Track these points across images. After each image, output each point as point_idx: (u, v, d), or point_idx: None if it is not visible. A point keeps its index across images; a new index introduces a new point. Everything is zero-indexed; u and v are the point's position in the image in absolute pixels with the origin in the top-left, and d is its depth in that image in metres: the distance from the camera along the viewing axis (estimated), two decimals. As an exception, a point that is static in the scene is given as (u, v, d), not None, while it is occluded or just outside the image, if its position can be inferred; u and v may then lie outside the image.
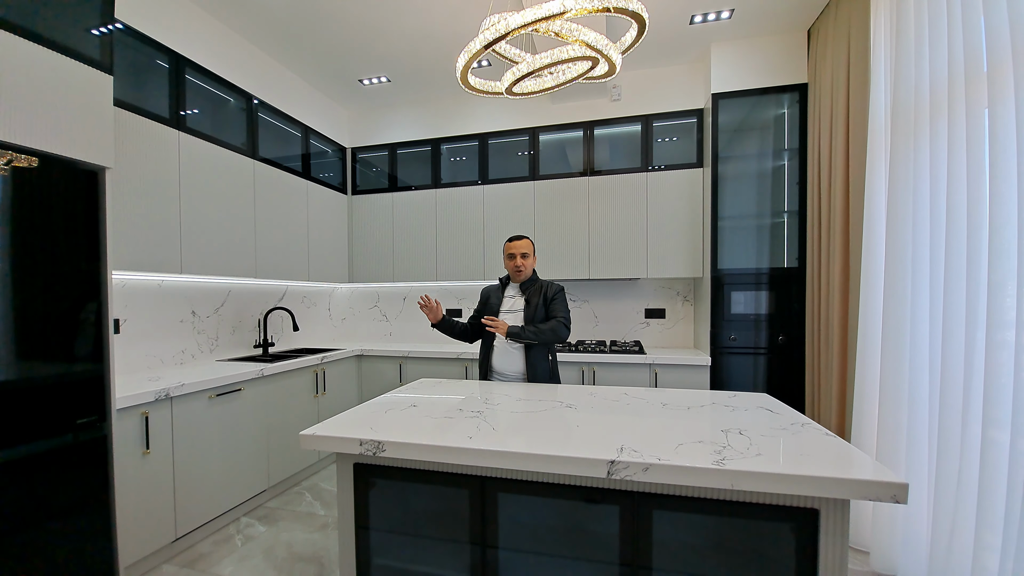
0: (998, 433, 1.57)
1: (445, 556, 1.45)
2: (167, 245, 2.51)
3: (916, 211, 2.01)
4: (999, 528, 1.53)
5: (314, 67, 3.43)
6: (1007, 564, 1.47)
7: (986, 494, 1.58)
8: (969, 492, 1.66)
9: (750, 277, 3.16)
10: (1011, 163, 1.52)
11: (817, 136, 2.84)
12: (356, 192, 4.15)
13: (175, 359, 2.80)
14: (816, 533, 1.19)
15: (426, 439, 1.35)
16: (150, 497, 2.09)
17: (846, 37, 2.52)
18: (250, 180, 3.07)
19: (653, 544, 1.27)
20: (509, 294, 2.36)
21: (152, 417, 2.09)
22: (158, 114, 2.47)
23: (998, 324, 1.60)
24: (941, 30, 1.84)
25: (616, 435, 1.39)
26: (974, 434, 1.67)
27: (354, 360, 3.66)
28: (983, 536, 1.60)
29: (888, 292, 2.15)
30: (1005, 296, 1.58)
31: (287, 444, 2.94)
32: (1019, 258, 1.50)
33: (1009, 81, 1.51)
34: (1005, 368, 1.57)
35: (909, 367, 2.02)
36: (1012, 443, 1.51)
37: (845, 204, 2.53)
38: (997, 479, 1.55)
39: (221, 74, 2.87)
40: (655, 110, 3.47)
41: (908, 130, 2.05)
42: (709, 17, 2.86)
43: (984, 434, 1.62)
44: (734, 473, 1.13)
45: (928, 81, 1.93)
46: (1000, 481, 1.54)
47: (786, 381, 3.07)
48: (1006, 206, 1.55)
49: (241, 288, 3.28)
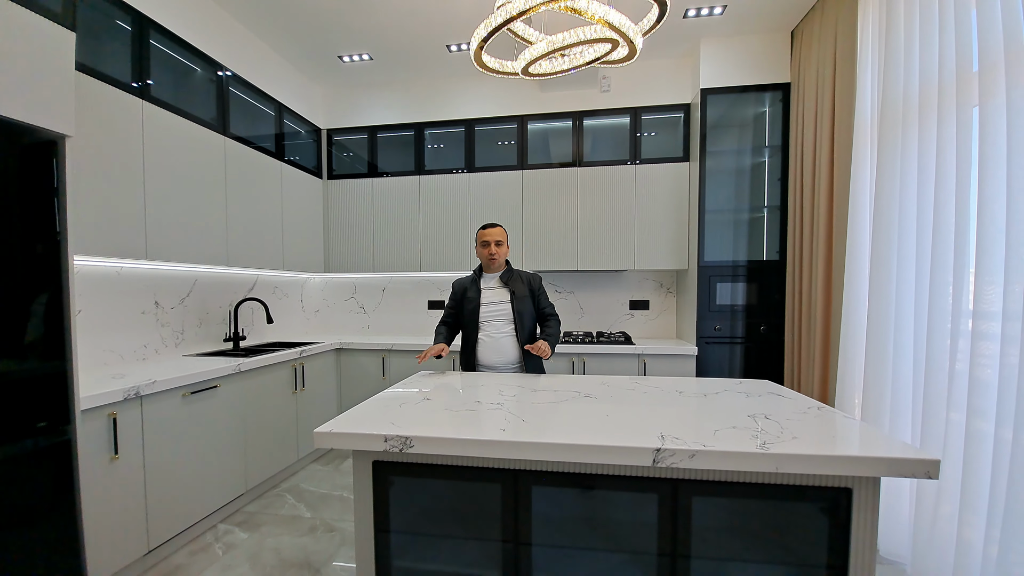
0: (982, 423, 1.68)
1: (474, 554, 1.38)
2: (130, 227, 2.26)
3: (903, 206, 2.12)
4: (983, 511, 1.63)
5: (290, 39, 3.19)
6: (993, 537, 1.58)
7: (970, 479, 1.69)
8: (952, 477, 1.77)
9: (733, 269, 3.26)
10: (1000, 160, 1.62)
11: (800, 134, 2.96)
12: (332, 176, 3.92)
13: (136, 354, 2.54)
14: (849, 511, 1.22)
15: (457, 433, 1.28)
16: (120, 507, 1.87)
17: (832, 38, 2.63)
18: (220, 158, 2.82)
19: (692, 531, 1.26)
20: (488, 285, 2.27)
21: (121, 418, 1.88)
22: (119, 80, 2.21)
23: (983, 315, 1.71)
24: (932, 29, 1.93)
25: (648, 423, 1.37)
26: (958, 422, 1.78)
27: (333, 354, 3.48)
28: (966, 516, 1.71)
29: (873, 284, 2.26)
30: (991, 288, 1.69)
31: (265, 444, 2.75)
32: (1007, 252, 1.61)
33: (1001, 80, 1.60)
34: (989, 358, 1.67)
35: (893, 357, 2.14)
36: (996, 432, 1.61)
37: (829, 199, 2.65)
38: (981, 465, 1.65)
39: (189, 40, 2.60)
40: (643, 103, 3.49)
41: (896, 127, 2.15)
42: (703, 12, 2.90)
43: (968, 423, 1.73)
44: (779, 456, 1.14)
45: (918, 79, 2.03)
46: (984, 467, 1.64)
47: (766, 369, 3.20)
48: (995, 201, 1.65)
49: (208, 277, 3.02)
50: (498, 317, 2.21)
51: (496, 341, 2.21)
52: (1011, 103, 1.57)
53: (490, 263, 2.24)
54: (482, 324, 2.21)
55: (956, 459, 1.75)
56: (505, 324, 2.20)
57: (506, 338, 2.21)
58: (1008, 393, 1.55)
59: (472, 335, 2.23)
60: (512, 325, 2.21)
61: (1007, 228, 1.59)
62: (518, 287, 2.23)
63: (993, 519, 1.58)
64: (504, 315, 2.20)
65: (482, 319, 2.21)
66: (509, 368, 2.23)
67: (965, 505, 1.71)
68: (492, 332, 2.22)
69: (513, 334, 2.21)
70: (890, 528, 2.08)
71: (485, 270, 2.29)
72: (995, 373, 1.63)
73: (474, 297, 2.23)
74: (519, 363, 2.23)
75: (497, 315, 2.21)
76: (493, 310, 2.21)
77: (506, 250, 2.27)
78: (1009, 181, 1.58)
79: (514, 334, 2.21)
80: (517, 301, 2.20)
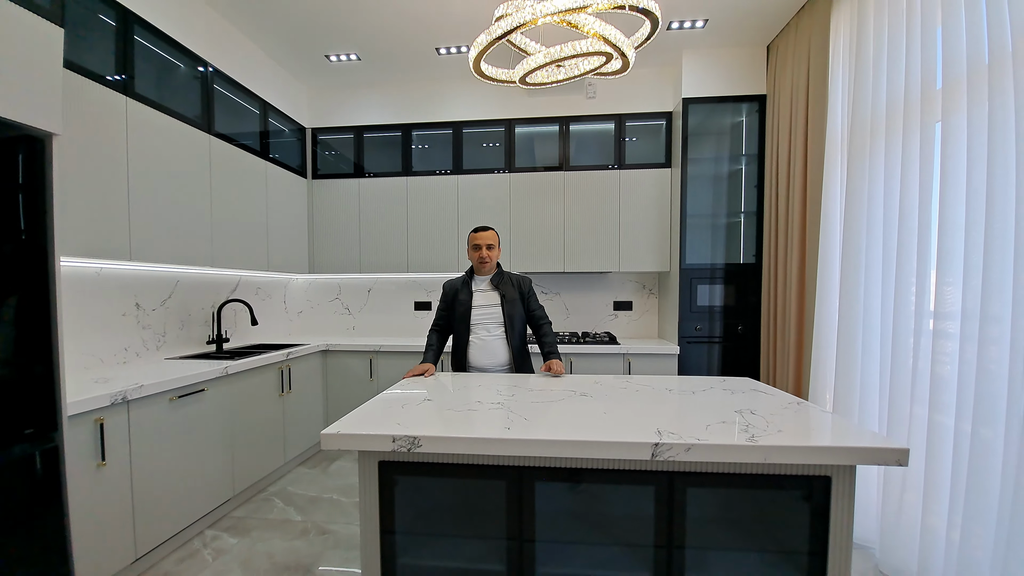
0: (944, 417, 1.82)
1: (479, 549, 1.42)
2: (113, 228, 2.20)
3: (870, 213, 2.27)
4: (945, 499, 1.77)
5: (277, 37, 3.16)
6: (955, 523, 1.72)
7: (932, 469, 1.83)
8: (917, 467, 1.91)
9: (712, 272, 3.40)
10: (960, 172, 1.77)
11: (775, 143, 3.11)
12: (317, 176, 3.88)
13: (117, 358, 2.47)
14: (828, 498, 1.32)
15: (464, 432, 1.32)
16: (107, 514, 1.83)
17: (806, 54, 2.78)
18: (205, 157, 2.77)
19: (687, 521, 1.34)
20: (479, 288, 2.30)
21: (107, 424, 1.84)
22: (102, 76, 2.15)
23: (943, 315, 1.86)
24: (899, 48, 2.08)
25: (644, 419, 1.44)
26: (921, 416, 1.93)
27: (319, 356, 3.45)
28: (929, 504, 1.85)
29: (843, 286, 2.41)
30: (950, 290, 1.84)
31: (252, 448, 2.71)
32: (965, 256, 1.76)
33: (963, 98, 1.75)
34: (950, 356, 1.82)
35: (861, 355, 2.29)
36: (956, 426, 1.75)
37: (803, 205, 2.80)
38: (943, 456, 1.79)
39: (173, 35, 2.55)
40: (627, 110, 3.59)
41: (865, 139, 2.30)
42: (686, 25, 3.01)
43: (931, 417, 1.87)
44: (767, 448, 1.23)
45: (885, 95, 2.18)
46: (945, 458, 1.78)
47: (743, 367, 3.35)
48: (955, 211, 1.80)
49: (190, 278, 2.95)
50: (489, 320, 2.24)
51: (487, 344, 2.25)
52: (971, 120, 1.71)
53: (481, 267, 2.27)
54: (473, 327, 2.25)
55: (920, 451, 1.89)
56: (496, 327, 2.24)
57: (497, 341, 2.25)
58: (967, 389, 1.69)
59: (463, 337, 2.26)
60: (503, 328, 2.25)
61: (966, 235, 1.74)
62: (508, 290, 2.27)
63: (955, 506, 1.72)
64: (495, 318, 2.24)
65: (473, 322, 2.25)
66: (499, 370, 2.27)
67: (928, 494, 1.85)
68: (483, 335, 2.25)
69: (504, 337, 2.25)
70: (860, 515, 2.22)
71: (476, 273, 2.32)
72: (954, 370, 1.77)
73: (465, 300, 2.26)
74: (509, 365, 2.28)
75: (488, 318, 2.24)
76: (484, 313, 2.24)
77: (497, 253, 2.30)
78: (968, 192, 1.73)
79: (505, 337, 2.25)
80: (507, 304, 2.24)
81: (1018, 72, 1.51)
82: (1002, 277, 1.59)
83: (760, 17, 2.96)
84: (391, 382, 3.32)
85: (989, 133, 1.62)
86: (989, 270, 1.62)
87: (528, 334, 2.37)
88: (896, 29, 2.10)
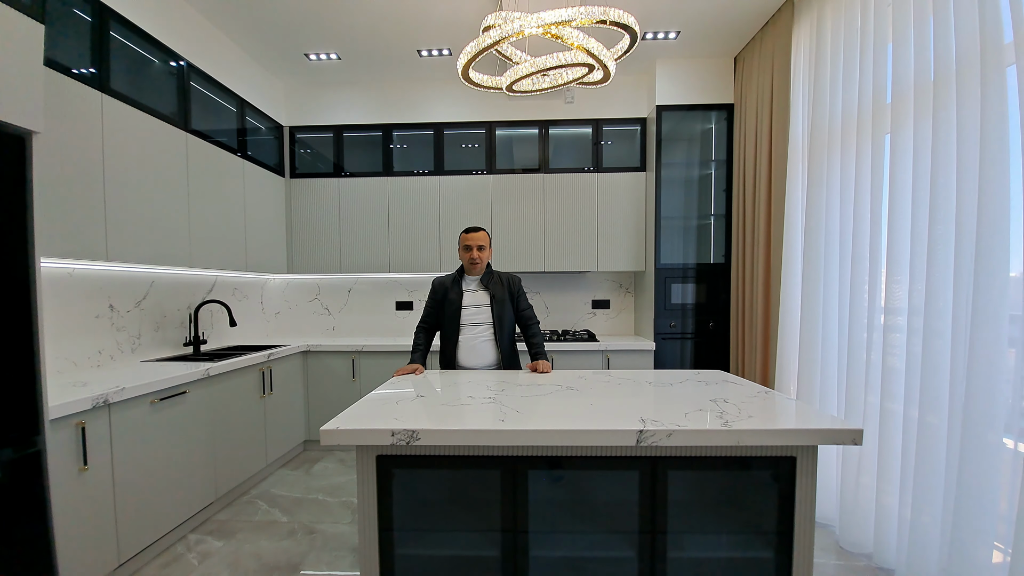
0: (894, 404, 2.00)
1: (474, 537, 1.49)
2: (90, 227, 2.15)
3: (828, 217, 2.45)
4: (896, 478, 1.95)
5: (255, 34, 3.12)
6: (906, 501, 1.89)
7: (885, 452, 2.01)
8: (871, 451, 2.09)
9: (684, 271, 3.56)
10: (907, 180, 1.95)
11: (742, 150, 3.29)
12: (295, 175, 3.84)
13: (91, 361, 2.40)
14: (794, 477, 1.45)
15: (460, 424, 1.39)
16: (89, 519, 1.80)
17: (770, 67, 2.96)
18: (182, 154, 2.72)
19: (669, 504, 1.44)
20: (469, 288, 2.34)
21: (89, 428, 1.80)
22: (78, 71, 2.09)
23: (892, 311, 2.05)
24: (854, 64, 2.26)
25: (628, 409, 1.54)
26: (874, 404, 2.11)
27: (300, 357, 3.42)
28: (883, 485, 2.03)
29: (805, 284, 2.59)
30: (898, 287, 2.02)
31: (234, 451, 2.68)
32: (911, 257, 1.94)
33: (909, 111, 1.93)
34: (898, 348, 2.00)
35: (822, 348, 2.47)
36: (904, 412, 1.93)
37: (768, 209, 2.98)
38: (894, 440, 1.97)
39: (149, 31, 2.49)
40: (604, 115, 3.72)
41: (823, 148, 2.49)
42: (659, 35, 3.15)
43: (882, 404, 2.05)
44: (740, 432, 1.34)
45: (841, 108, 2.36)
46: (896, 442, 1.96)
47: (714, 360, 3.52)
48: (902, 214, 1.98)
49: (166, 279, 2.89)
50: (478, 320, 2.30)
51: (476, 343, 2.29)
52: (917, 132, 1.89)
53: (472, 267, 2.31)
54: (463, 326, 2.30)
55: (873, 435, 2.07)
56: (485, 328, 2.29)
57: (485, 342, 2.30)
58: (913, 378, 1.87)
59: (452, 336, 2.31)
60: (492, 329, 2.30)
61: (911, 237, 1.92)
62: (498, 290, 2.32)
63: (905, 486, 1.90)
64: (484, 319, 2.29)
65: (463, 321, 2.29)
66: (488, 369, 2.32)
67: (882, 475, 2.03)
68: (472, 335, 2.30)
69: (492, 337, 2.30)
70: (822, 497, 2.39)
71: (467, 272, 2.36)
72: (902, 360, 1.96)
73: (455, 299, 2.30)
74: (498, 365, 2.33)
75: (477, 318, 2.29)
76: (474, 313, 2.29)
77: (488, 254, 2.33)
78: (914, 198, 1.90)
79: (493, 337, 2.30)
80: (497, 305, 2.30)
81: (961, 89, 1.68)
82: (944, 275, 1.76)
83: (728, 31, 3.13)
84: (375, 382, 3.33)
85: (933, 144, 1.80)
86: (933, 269, 1.80)
87: (516, 333, 2.43)
88: (851, 46, 2.28)
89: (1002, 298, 1.56)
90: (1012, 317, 1.55)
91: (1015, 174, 1.53)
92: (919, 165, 1.89)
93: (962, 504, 1.65)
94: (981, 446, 1.60)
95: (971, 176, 1.66)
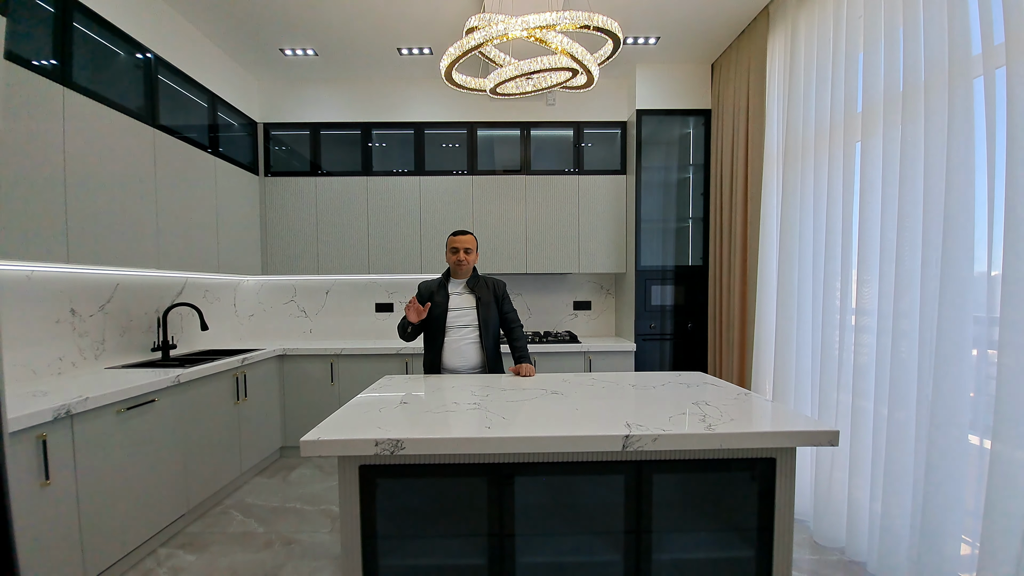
0: (864, 402, 2.07)
1: (461, 545, 1.47)
2: (49, 227, 2.03)
3: (802, 221, 2.52)
4: (867, 474, 2.03)
5: (227, 27, 3.01)
6: (876, 496, 1.96)
7: (856, 449, 2.08)
8: (843, 448, 2.15)
9: (664, 273, 3.61)
10: (876, 186, 2.03)
11: (720, 155, 3.36)
12: (270, 174, 3.73)
13: (51, 368, 2.28)
14: (773, 477, 1.48)
15: (446, 432, 1.37)
16: (52, 536, 1.70)
17: (746, 74, 3.03)
18: (149, 151, 2.61)
19: (653, 505, 1.46)
20: (455, 291, 2.33)
21: (51, 440, 1.71)
22: (37, 63, 1.98)
23: (863, 312, 2.12)
24: (826, 74, 2.33)
25: (612, 413, 1.55)
26: (845, 402, 2.18)
27: (275, 361, 3.33)
28: (855, 480, 2.10)
29: (780, 287, 2.67)
30: (867, 289, 2.10)
31: (207, 460, 2.59)
32: (880, 260, 2.01)
33: (879, 120, 2.00)
34: (868, 348, 2.08)
35: (796, 348, 2.54)
36: (875, 409, 2.00)
37: (744, 213, 3.05)
38: (864, 437, 2.05)
39: (114, 21, 2.38)
40: (585, 118, 3.74)
41: (797, 155, 2.56)
42: (639, 41, 3.19)
43: (853, 402, 2.12)
44: (722, 435, 1.36)
45: (814, 115, 2.43)
46: (867, 439, 2.03)
47: (693, 361, 3.59)
48: (871, 219, 2.05)
49: (132, 281, 2.76)
50: (464, 323, 2.28)
51: (461, 346, 2.28)
52: (887, 141, 1.96)
53: (458, 269, 2.30)
54: (448, 329, 2.28)
55: (846, 433, 2.14)
56: (471, 331, 2.29)
57: (471, 344, 2.29)
58: (883, 376, 1.94)
59: (438, 339, 2.29)
60: (477, 331, 2.29)
61: (880, 240, 1.99)
62: (483, 294, 2.32)
63: (876, 481, 1.97)
64: (469, 321, 2.29)
65: (448, 324, 2.28)
66: (472, 372, 2.32)
67: (854, 471, 2.10)
68: (457, 337, 2.28)
69: (478, 340, 2.29)
70: (796, 493, 2.43)
71: (453, 276, 2.35)
72: (872, 360, 2.03)
73: (441, 302, 2.29)
74: (482, 367, 2.32)
75: (463, 320, 2.28)
76: (459, 316, 2.28)
77: (475, 257, 2.33)
78: (883, 203, 1.98)
79: (479, 340, 2.29)
80: (482, 308, 2.29)
81: (929, 100, 1.75)
82: (911, 278, 1.84)
83: (705, 38, 3.18)
84: (354, 386, 3.27)
85: (902, 152, 1.87)
86: (901, 272, 1.87)
87: (500, 336, 2.43)
88: (823, 56, 2.35)
89: (966, 300, 1.63)
90: (976, 318, 1.63)
91: (980, 181, 1.60)
92: (888, 172, 1.96)
93: (931, 498, 1.72)
94: (948, 442, 1.67)
95: (938, 182, 1.73)
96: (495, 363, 2.34)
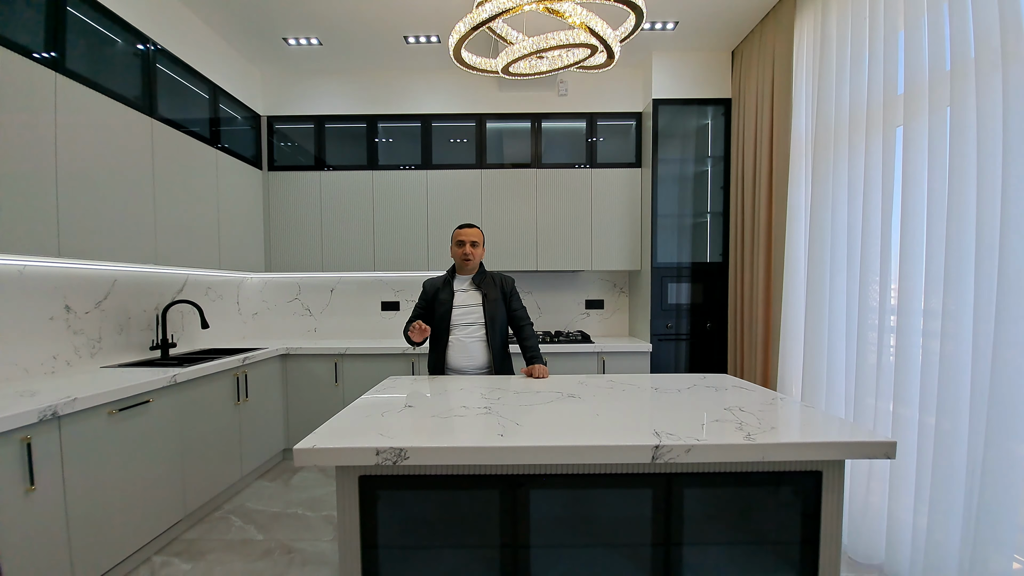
0: (907, 410, 1.90)
1: (469, 561, 1.34)
2: (39, 220, 1.93)
3: (835, 215, 2.36)
4: (911, 487, 1.85)
5: (229, 16, 2.91)
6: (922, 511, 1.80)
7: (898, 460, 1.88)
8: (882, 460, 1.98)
9: (680, 270, 3.46)
10: (921, 175, 1.86)
11: (741, 146, 3.20)
12: (274, 168, 3.63)
13: (44, 367, 2.19)
14: (820, 492, 1.33)
15: (454, 441, 1.24)
16: (38, 546, 1.60)
17: (770, 59, 2.87)
18: (147, 143, 2.51)
19: (684, 521, 1.32)
20: (461, 288, 2.23)
21: (36, 443, 1.60)
22: (28, 47, 1.88)
23: (906, 311, 1.95)
24: (862, 55, 2.17)
25: (636, 420, 1.42)
26: (885, 410, 2.01)
27: (278, 360, 3.23)
28: (895, 493, 1.92)
29: (810, 285, 2.50)
30: (914, 287, 1.93)
31: (206, 463, 2.49)
32: (926, 257, 1.85)
33: (924, 102, 1.83)
34: (912, 351, 1.91)
35: (828, 350, 2.38)
36: (920, 419, 1.83)
37: (768, 207, 2.89)
38: (908, 448, 1.86)
39: (110, 7, 2.28)
40: (598, 109, 3.59)
41: (829, 143, 2.40)
42: (656, 26, 3.04)
43: (895, 410, 1.95)
44: (764, 447, 1.22)
45: (848, 100, 2.27)
46: (911, 450, 1.85)
47: (712, 363, 3.43)
48: (916, 211, 1.89)
49: (130, 277, 2.67)
50: (470, 321, 2.17)
51: (467, 345, 2.17)
52: (932, 124, 1.80)
53: (464, 264, 2.19)
54: (453, 327, 2.16)
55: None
56: (477, 328, 2.17)
57: (477, 342, 2.17)
58: (930, 383, 1.78)
59: (443, 337, 2.17)
60: (484, 329, 2.17)
61: (927, 235, 1.83)
62: (490, 290, 2.20)
63: (921, 495, 1.80)
64: (476, 319, 2.17)
65: (454, 322, 2.16)
66: (478, 372, 2.20)
67: (895, 484, 1.94)
68: (463, 335, 2.17)
69: (484, 338, 2.17)
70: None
71: (459, 271, 2.23)
72: (917, 365, 1.86)
73: (446, 299, 2.17)
74: (489, 367, 2.20)
75: (469, 318, 2.16)
76: (465, 313, 2.16)
77: (481, 252, 2.23)
78: (929, 194, 1.81)
79: (485, 338, 2.17)
80: (489, 305, 2.17)
81: (980, 79, 1.59)
82: (962, 275, 1.67)
83: (726, 23, 3.03)
84: (358, 387, 3.16)
85: (950, 138, 1.71)
86: (950, 269, 1.71)
87: (509, 334, 2.30)
88: (859, 36, 2.19)
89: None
90: (1043, 319, 1.47)
91: (1048, 166, 1.44)
92: (934, 158, 1.80)
93: (983, 514, 1.56)
94: (1003, 454, 1.52)
95: (993, 170, 1.57)
96: (503, 363, 2.21)
